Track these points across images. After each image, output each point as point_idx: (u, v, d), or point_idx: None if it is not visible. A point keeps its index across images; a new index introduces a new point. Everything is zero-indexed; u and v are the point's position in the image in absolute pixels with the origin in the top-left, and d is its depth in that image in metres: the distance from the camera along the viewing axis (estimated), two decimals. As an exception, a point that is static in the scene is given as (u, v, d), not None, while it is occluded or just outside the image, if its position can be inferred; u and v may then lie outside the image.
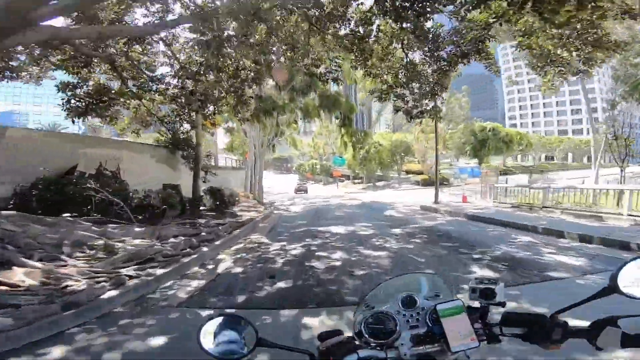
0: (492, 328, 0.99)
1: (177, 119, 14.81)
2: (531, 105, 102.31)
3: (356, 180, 56.63)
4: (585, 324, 0.90)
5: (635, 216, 9.45)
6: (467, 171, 41.11)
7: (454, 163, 52.29)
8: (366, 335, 1.01)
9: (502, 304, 1.03)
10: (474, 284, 1.08)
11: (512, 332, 0.98)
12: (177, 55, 12.26)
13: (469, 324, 0.95)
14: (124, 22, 10.18)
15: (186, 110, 13.61)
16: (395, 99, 11.83)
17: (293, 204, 24.60)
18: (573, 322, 0.93)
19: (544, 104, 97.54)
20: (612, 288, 0.89)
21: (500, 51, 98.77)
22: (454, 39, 9.31)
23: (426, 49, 9.81)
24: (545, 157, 71.46)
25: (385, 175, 44.91)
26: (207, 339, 0.96)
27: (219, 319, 1.00)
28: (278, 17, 9.24)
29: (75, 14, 8.87)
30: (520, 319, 0.97)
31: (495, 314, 1.02)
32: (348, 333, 1.09)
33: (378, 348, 0.99)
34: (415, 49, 10.24)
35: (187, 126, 15.47)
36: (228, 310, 3.96)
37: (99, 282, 4.61)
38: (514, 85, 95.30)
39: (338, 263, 6.50)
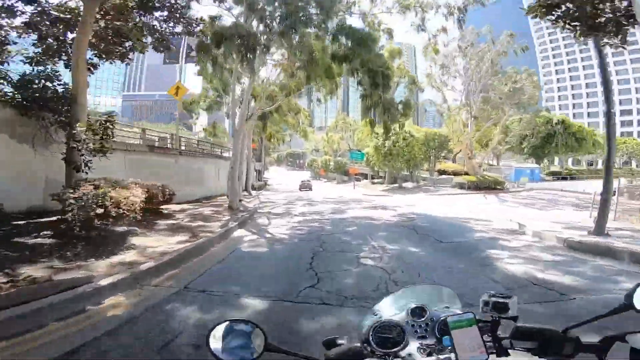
0: (502, 341, 0.97)
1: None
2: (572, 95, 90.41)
3: (375, 180, 47.59)
4: (597, 339, 0.89)
5: None
6: (526, 173, 31.65)
7: (502, 163, 42.64)
8: (373, 344, 1.00)
9: (515, 318, 1.01)
10: (486, 297, 1.06)
11: (523, 346, 0.96)
12: None
13: (479, 336, 0.92)
14: None
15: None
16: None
17: (288, 213, 16.01)
18: (585, 338, 0.92)
19: (587, 93, 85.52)
20: (627, 305, 0.91)
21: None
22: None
23: None
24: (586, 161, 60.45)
25: (412, 175, 35.79)
26: (216, 344, 0.94)
27: (227, 324, 0.99)
28: None
29: None
30: (532, 332, 0.95)
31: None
32: (355, 341, 1.07)
33: (385, 357, 0.98)
34: None
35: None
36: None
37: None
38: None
39: None
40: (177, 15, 9.67)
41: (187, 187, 16.12)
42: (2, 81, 7.54)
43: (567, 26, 6.83)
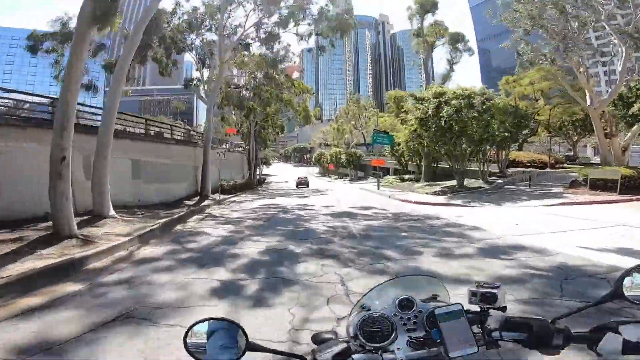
0: (491, 333, 0.97)
1: None
2: None
3: (406, 176, 34.80)
4: (587, 329, 0.88)
5: None
6: None
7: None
8: (362, 339, 0.99)
9: (503, 309, 1.01)
10: (474, 287, 1.05)
11: (512, 337, 0.95)
12: None
13: (468, 328, 0.92)
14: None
15: None
16: None
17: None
18: (576, 328, 0.92)
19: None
20: (616, 294, 0.91)
21: None
22: None
23: None
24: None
25: (481, 170, 22.58)
26: (194, 343, 0.91)
27: (206, 323, 0.95)
28: None
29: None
30: (521, 323, 0.95)
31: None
32: (343, 335, 1.07)
33: (374, 351, 0.97)
34: None
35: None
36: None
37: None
38: None
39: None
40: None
41: None
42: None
43: None
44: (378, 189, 26.57)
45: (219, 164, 21.68)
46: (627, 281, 0.91)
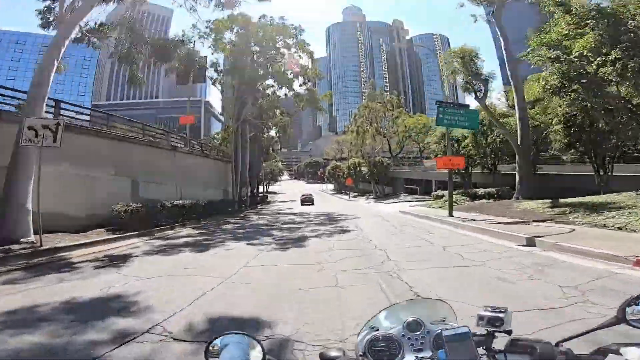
0: (496, 355, 0.98)
1: None
2: None
3: (479, 190, 21.67)
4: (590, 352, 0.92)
5: None
6: None
7: None
8: (370, 357, 1.01)
9: (509, 332, 1.03)
10: (482, 311, 1.07)
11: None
12: None
13: (474, 350, 0.93)
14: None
15: None
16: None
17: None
18: (578, 350, 0.93)
19: None
20: (619, 318, 0.94)
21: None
22: None
23: None
24: None
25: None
26: (214, 358, 0.95)
27: (226, 337, 0.99)
28: None
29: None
30: (525, 346, 0.96)
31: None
32: (351, 354, 1.09)
33: None
34: None
35: None
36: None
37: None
38: None
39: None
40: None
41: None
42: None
43: None
44: (450, 215, 13.39)
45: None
46: (629, 307, 0.94)
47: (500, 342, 1.01)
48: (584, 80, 10.07)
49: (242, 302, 4.21)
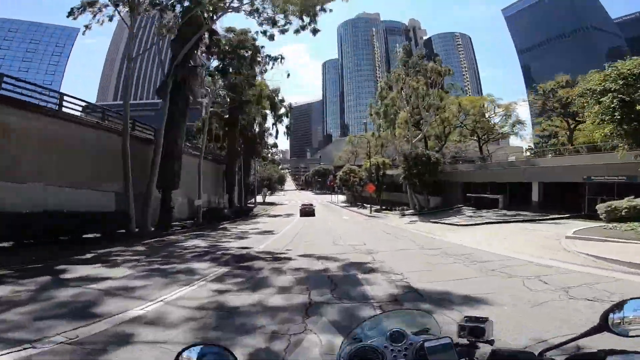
0: None
1: None
2: None
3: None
4: None
5: None
6: None
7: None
8: None
9: (491, 342, 1.02)
10: (463, 321, 1.07)
11: None
12: None
13: None
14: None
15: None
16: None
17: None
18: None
19: None
20: (602, 326, 0.93)
21: None
22: None
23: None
24: None
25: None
26: None
27: (197, 348, 0.95)
28: None
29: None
30: (508, 356, 0.95)
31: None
32: None
33: None
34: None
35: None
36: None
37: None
38: None
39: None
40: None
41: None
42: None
43: None
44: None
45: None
46: (612, 315, 0.93)
47: (483, 352, 0.99)
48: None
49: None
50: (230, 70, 23.39)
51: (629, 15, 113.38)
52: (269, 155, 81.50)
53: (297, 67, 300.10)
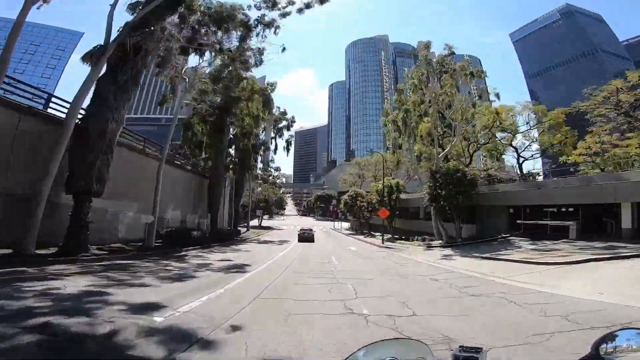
0: None
1: None
2: None
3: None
4: None
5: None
6: None
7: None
8: None
9: None
10: (457, 351, 1.07)
11: None
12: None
13: None
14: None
15: None
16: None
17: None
18: None
19: None
20: (593, 355, 0.96)
21: None
22: None
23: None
24: None
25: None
26: None
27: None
28: None
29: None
30: None
31: None
32: None
33: None
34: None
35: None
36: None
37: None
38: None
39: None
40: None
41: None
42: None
43: None
44: None
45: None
46: (604, 345, 0.96)
47: None
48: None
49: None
50: (214, 53, 18.30)
51: (635, 37, 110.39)
52: (270, 177, 76.46)
53: (303, 92, 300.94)
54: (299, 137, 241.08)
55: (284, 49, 19.02)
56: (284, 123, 41.09)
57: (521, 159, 27.15)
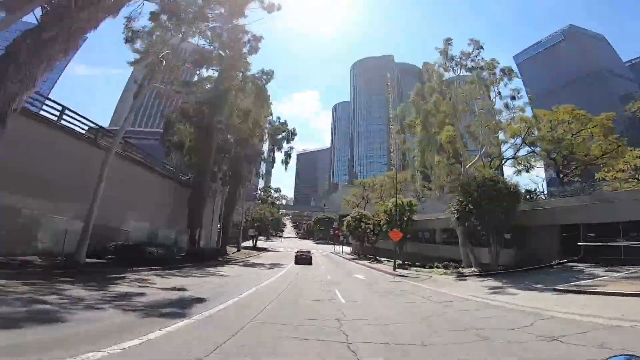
0: None
1: None
2: None
3: None
4: None
5: None
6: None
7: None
8: None
9: None
10: None
11: None
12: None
13: None
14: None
15: None
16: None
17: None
18: None
19: None
20: None
21: None
22: None
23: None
24: None
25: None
26: None
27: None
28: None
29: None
30: None
31: None
32: None
33: None
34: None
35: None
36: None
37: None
38: None
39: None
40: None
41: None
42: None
43: None
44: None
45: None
46: None
47: None
48: None
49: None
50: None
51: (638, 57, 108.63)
52: (269, 198, 72.12)
53: (307, 115, 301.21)
54: (301, 159, 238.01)
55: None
56: (283, 134, 37.57)
57: (561, 175, 22.95)
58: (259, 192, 77.24)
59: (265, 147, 37.49)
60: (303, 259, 24.70)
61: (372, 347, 4.29)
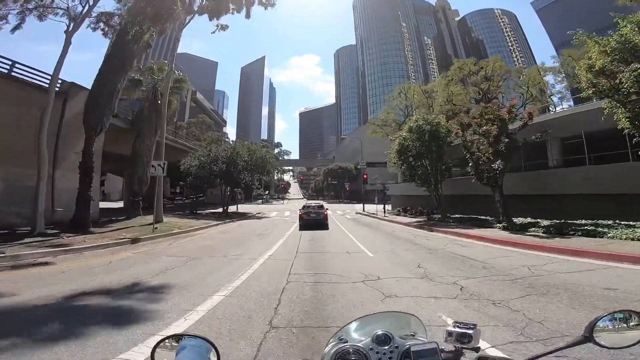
0: None
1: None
2: None
3: None
4: None
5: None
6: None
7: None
8: None
9: (477, 349, 1.02)
10: (451, 327, 1.06)
11: None
12: None
13: None
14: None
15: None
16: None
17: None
18: None
19: None
20: (587, 338, 0.93)
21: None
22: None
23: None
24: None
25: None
26: (162, 357, 0.91)
27: (177, 339, 0.95)
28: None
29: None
30: None
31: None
32: None
33: None
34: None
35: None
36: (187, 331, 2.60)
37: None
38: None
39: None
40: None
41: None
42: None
43: None
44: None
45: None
46: (597, 327, 0.93)
47: (468, 358, 1.00)
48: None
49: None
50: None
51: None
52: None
53: (308, 81, 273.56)
54: (304, 118, 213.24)
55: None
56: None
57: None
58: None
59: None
60: (312, 220, 16.18)
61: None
